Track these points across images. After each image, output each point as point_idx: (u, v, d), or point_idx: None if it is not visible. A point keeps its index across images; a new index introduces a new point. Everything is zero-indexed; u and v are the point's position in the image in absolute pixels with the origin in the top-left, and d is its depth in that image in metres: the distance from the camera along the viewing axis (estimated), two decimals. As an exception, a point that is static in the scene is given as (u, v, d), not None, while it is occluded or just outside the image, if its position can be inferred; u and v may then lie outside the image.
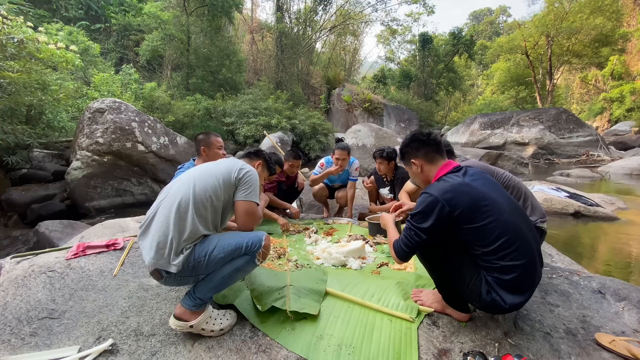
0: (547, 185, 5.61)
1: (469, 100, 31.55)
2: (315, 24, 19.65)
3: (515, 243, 1.28)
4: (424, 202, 1.34)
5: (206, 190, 1.41)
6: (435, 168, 1.47)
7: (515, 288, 1.28)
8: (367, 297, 1.69)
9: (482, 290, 1.31)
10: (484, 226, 1.28)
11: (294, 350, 1.36)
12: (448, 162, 1.48)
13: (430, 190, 1.36)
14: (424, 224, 1.33)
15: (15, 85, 5.01)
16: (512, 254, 1.27)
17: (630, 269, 3.17)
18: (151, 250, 1.32)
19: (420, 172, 1.51)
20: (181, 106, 10.57)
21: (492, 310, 1.38)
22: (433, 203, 1.31)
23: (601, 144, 12.75)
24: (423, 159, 1.50)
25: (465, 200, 1.29)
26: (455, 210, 1.29)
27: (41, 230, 3.77)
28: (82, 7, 14.76)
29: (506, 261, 1.27)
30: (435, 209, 1.30)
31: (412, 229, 1.37)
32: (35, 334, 1.45)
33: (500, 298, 1.28)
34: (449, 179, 1.37)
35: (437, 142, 1.50)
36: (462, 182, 1.34)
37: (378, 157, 3.32)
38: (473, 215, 1.29)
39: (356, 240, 2.57)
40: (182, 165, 2.48)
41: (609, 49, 21.14)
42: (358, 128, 9.81)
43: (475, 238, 1.30)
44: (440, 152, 1.50)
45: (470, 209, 1.29)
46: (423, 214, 1.33)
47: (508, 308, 1.29)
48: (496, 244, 1.27)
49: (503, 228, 1.28)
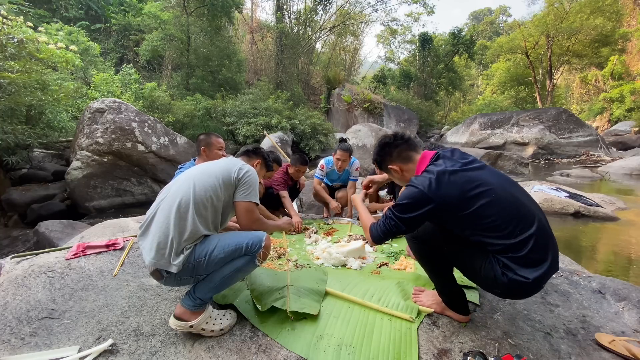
0: (547, 185, 5.61)
1: (469, 100, 31.55)
2: (315, 24, 19.64)
3: (517, 215, 1.23)
4: (410, 195, 1.30)
5: (206, 190, 1.41)
6: (414, 165, 1.45)
7: (534, 260, 1.20)
8: (367, 297, 1.69)
9: (496, 273, 1.24)
10: (480, 208, 1.22)
11: (294, 350, 1.36)
12: (424, 154, 1.45)
13: (415, 183, 1.31)
14: (406, 214, 1.30)
15: (15, 85, 5.01)
16: (519, 227, 1.21)
17: (630, 269, 3.17)
18: (151, 250, 1.32)
19: (401, 174, 1.50)
20: (181, 106, 10.57)
21: (515, 292, 1.28)
22: (419, 196, 1.27)
23: (601, 144, 12.75)
24: (398, 161, 1.48)
25: (453, 189, 1.25)
26: (445, 202, 1.25)
27: (41, 230, 3.77)
28: (82, 7, 14.77)
29: (514, 237, 1.20)
30: (421, 202, 1.27)
31: (393, 218, 1.34)
32: (35, 334, 1.45)
33: (520, 276, 1.20)
34: (432, 169, 1.32)
35: (405, 139, 1.50)
36: (445, 169, 1.29)
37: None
38: (466, 202, 1.24)
39: (356, 240, 2.57)
40: (183, 165, 2.48)
41: (609, 49, 21.13)
42: (358, 128, 9.82)
43: (474, 223, 1.24)
44: (412, 148, 1.48)
45: (460, 196, 1.24)
46: (407, 206, 1.30)
47: (532, 282, 1.19)
48: (497, 222, 1.21)
49: (499, 205, 1.23)
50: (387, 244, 2.62)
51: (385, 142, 1.53)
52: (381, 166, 1.58)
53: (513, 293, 1.29)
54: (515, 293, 1.29)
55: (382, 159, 1.54)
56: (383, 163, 1.55)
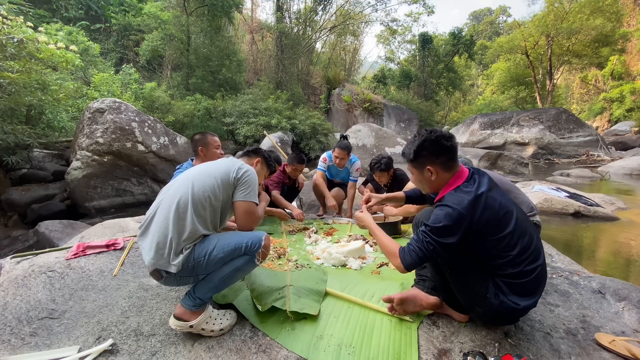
0: (547, 185, 5.61)
1: (469, 100, 31.54)
2: (315, 24, 19.63)
3: (531, 246, 1.27)
4: (448, 216, 1.23)
5: (205, 190, 1.41)
6: (450, 176, 1.35)
7: (529, 290, 1.27)
8: (367, 297, 1.69)
9: (489, 293, 1.28)
10: (506, 236, 1.24)
11: (293, 350, 1.36)
12: (461, 169, 1.37)
13: (451, 203, 1.24)
14: (447, 239, 1.23)
15: (15, 85, 5.01)
16: (529, 258, 1.26)
17: (630, 269, 3.17)
18: (151, 250, 1.32)
19: (434, 179, 1.36)
20: (181, 106, 10.57)
21: (497, 315, 1.32)
22: (459, 218, 1.21)
23: (601, 144, 12.75)
24: (441, 166, 1.34)
25: (488, 213, 1.23)
26: (480, 224, 1.22)
27: (41, 230, 3.77)
28: (82, 7, 14.76)
29: (524, 266, 1.25)
30: (462, 225, 1.21)
31: (431, 242, 1.25)
32: (35, 334, 1.45)
33: (511, 301, 1.26)
34: (467, 189, 1.28)
35: (455, 148, 1.36)
36: (481, 193, 1.26)
37: (377, 170, 3.23)
38: (497, 227, 1.24)
39: (356, 240, 2.57)
40: (181, 166, 2.48)
41: (609, 49, 21.14)
42: (358, 128, 9.81)
43: (496, 248, 1.26)
44: (456, 158, 1.37)
45: (493, 220, 1.24)
46: (447, 229, 1.23)
47: (521, 309, 1.27)
48: (515, 251, 1.25)
49: (520, 234, 1.26)
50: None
51: (440, 143, 1.33)
52: (417, 159, 1.38)
53: (495, 314, 1.33)
54: (497, 316, 1.34)
55: (426, 155, 1.35)
56: (422, 159, 1.36)
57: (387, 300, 1.51)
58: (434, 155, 1.34)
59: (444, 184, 1.37)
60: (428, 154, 1.35)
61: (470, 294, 1.35)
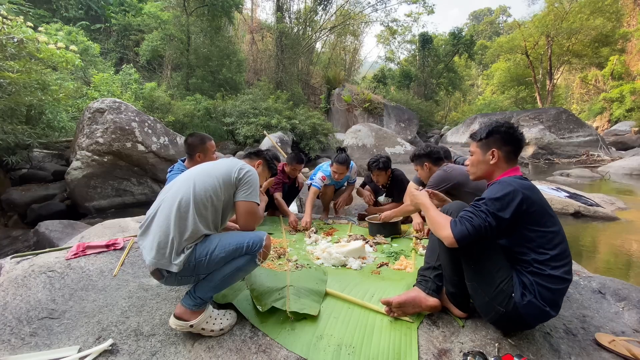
0: (547, 185, 5.61)
1: (469, 100, 31.53)
2: (315, 24, 19.63)
3: (568, 257, 1.29)
4: (504, 190, 1.28)
5: (206, 190, 1.41)
6: (507, 167, 1.44)
7: (554, 301, 1.27)
8: (367, 297, 1.69)
9: (515, 292, 1.25)
10: (547, 232, 1.28)
11: (293, 350, 1.36)
12: (517, 167, 1.46)
13: (508, 181, 1.31)
14: (502, 213, 1.25)
15: (15, 85, 5.01)
16: (565, 267, 1.27)
17: (630, 269, 3.17)
18: (152, 250, 1.32)
19: (492, 163, 1.44)
20: (181, 106, 10.58)
21: (517, 318, 1.28)
22: (514, 193, 1.26)
23: (601, 144, 12.75)
24: (505, 155, 1.43)
25: (539, 202, 1.30)
26: (531, 207, 1.27)
27: (41, 230, 3.77)
28: (82, 7, 14.75)
29: (559, 272, 1.26)
30: (516, 200, 1.25)
31: (487, 213, 1.25)
32: (35, 334, 1.45)
33: (540, 303, 1.24)
34: (522, 179, 1.35)
35: (521, 146, 1.46)
36: (534, 186, 1.35)
37: (375, 169, 3.21)
38: (542, 219, 1.28)
39: (356, 240, 2.57)
40: (172, 168, 2.41)
41: (609, 49, 21.14)
42: (358, 128, 9.81)
43: (536, 241, 1.28)
44: (518, 154, 1.47)
45: (541, 211, 1.29)
46: (503, 201, 1.26)
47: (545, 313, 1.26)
48: (554, 252, 1.26)
49: (562, 239, 1.30)
50: (387, 243, 2.62)
51: (514, 134, 1.44)
52: (489, 136, 1.46)
53: (514, 319, 1.29)
54: (517, 319, 1.29)
55: (498, 138, 1.45)
56: (493, 139, 1.45)
57: (385, 303, 1.52)
58: (502, 141, 1.44)
59: (498, 173, 1.45)
60: (499, 137, 1.45)
61: (494, 292, 1.29)
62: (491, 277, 1.30)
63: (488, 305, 1.33)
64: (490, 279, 1.30)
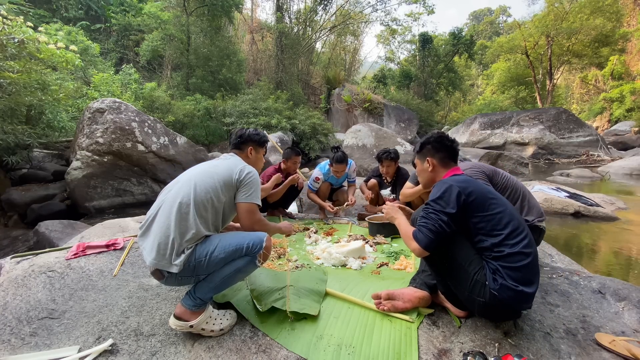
0: (547, 185, 5.60)
1: (469, 100, 31.54)
2: (315, 24, 19.63)
3: (523, 232, 1.34)
4: (442, 188, 1.39)
5: (207, 192, 1.42)
6: (444, 172, 1.58)
7: (527, 278, 1.29)
8: (367, 297, 1.69)
9: (487, 279, 1.30)
10: (494, 215, 1.34)
11: (293, 350, 1.36)
12: (456, 168, 1.59)
13: (443, 180, 1.46)
14: (447, 208, 1.35)
15: (15, 85, 5.01)
16: (522, 242, 1.31)
17: (630, 269, 3.17)
18: (152, 250, 1.32)
19: (430, 170, 1.61)
20: (181, 106, 10.58)
21: (498, 304, 1.29)
22: (450, 189, 1.37)
23: (601, 144, 12.74)
24: (439, 161, 1.59)
25: (477, 190, 1.38)
26: (470, 197, 1.35)
27: (41, 230, 3.77)
28: (82, 7, 14.76)
29: (517, 248, 1.30)
30: (453, 194, 1.36)
31: (436, 212, 1.36)
32: (35, 334, 1.45)
33: (510, 284, 1.27)
34: (457, 176, 1.49)
35: (456, 151, 1.61)
36: (469, 179, 1.47)
37: (385, 159, 3.24)
38: (484, 205, 1.36)
39: (356, 240, 2.57)
40: None
41: (609, 49, 21.13)
42: (358, 128, 9.80)
43: (486, 227, 1.34)
44: (454, 159, 1.61)
45: (481, 198, 1.37)
46: (443, 199, 1.37)
47: (521, 293, 1.26)
48: (506, 230, 1.32)
49: (511, 217, 1.35)
50: (387, 243, 2.62)
51: (443, 141, 1.60)
52: (421, 150, 1.65)
53: (496, 306, 1.31)
54: (499, 306, 1.31)
55: (429, 149, 1.63)
56: (425, 151, 1.64)
57: (375, 297, 1.61)
58: (434, 150, 1.60)
59: (439, 177, 1.58)
60: (431, 147, 1.61)
61: (471, 285, 1.34)
62: (464, 271, 1.36)
63: (470, 298, 1.37)
64: (464, 273, 1.36)
